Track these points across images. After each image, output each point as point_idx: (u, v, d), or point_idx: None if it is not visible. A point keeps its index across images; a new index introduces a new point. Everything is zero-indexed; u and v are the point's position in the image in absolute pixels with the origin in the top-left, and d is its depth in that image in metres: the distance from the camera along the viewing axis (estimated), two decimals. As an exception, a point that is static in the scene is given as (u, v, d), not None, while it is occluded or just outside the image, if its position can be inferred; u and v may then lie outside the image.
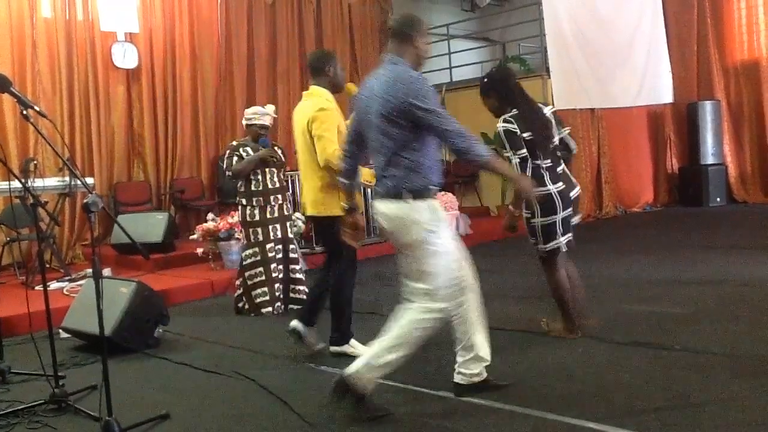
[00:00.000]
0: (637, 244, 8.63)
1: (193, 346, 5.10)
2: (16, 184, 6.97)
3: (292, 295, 6.11)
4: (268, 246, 5.92)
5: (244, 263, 6.00)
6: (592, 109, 11.65)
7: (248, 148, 5.90)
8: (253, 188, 5.88)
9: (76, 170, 3.37)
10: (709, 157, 12.39)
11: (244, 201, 5.93)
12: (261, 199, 5.87)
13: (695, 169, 12.48)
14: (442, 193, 9.64)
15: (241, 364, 4.44)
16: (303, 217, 8.14)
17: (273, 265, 5.93)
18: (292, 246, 6.18)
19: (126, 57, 9.48)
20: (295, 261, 6.20)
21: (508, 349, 4.42)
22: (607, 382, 3.66)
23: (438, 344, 4.61)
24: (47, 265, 7.44)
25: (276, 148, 5.99)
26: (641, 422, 3.07)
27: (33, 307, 5.04)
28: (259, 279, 5.92)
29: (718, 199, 12.27)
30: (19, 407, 3.74)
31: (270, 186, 5.89)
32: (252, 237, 5.93)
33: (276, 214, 5.94)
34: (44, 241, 4.33)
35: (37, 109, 3.36)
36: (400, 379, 3.82)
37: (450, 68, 12.83)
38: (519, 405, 3.40)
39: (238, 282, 6.12)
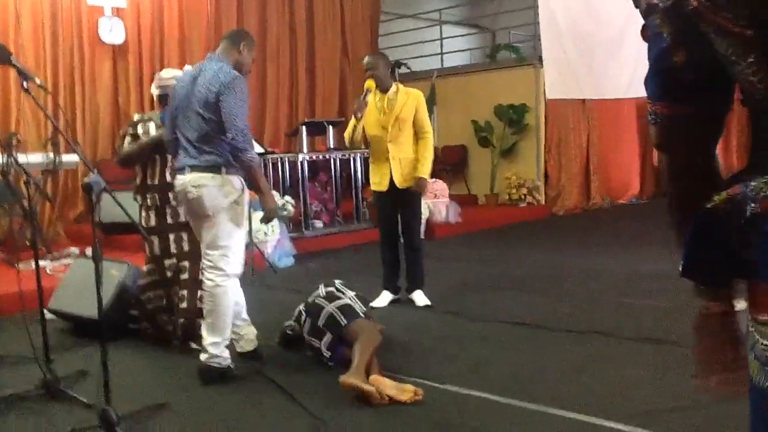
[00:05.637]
0: (630, 236, 8.58)
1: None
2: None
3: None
4: (167, 262, 4.52)
5: (139, 282, 4.67)
6: (583, 101, 11.60)
7: (151, 125, 4.52)
8: (148, 182, 4.50)
9: (78, 147, 3.20)
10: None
11: (138, 198, 4.56)
12: (156, 196, 4.46)
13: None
14: (433, 180, 9.52)
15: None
16: (293, 201, 8.00)
17: (176, 288, 4.50)
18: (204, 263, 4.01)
19: (112, 32, 9.21)
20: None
21: (512, 343, 4.34)
22: (623, 379, 3.57)
23: (442, 338, 4.54)
24: (27, 243, 7.23)
25: None
26: (664, 422, 2.98)
27: (11, 288, 4.92)
28: (158, 304, 4.60)
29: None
30: (8, 392, 3.57)
31: (169, 180, 4.34)
32: (148, 249, 4.59)
33: (182, 219, 4.34)
34: (29, 218, 4.13)
35: (38, 81, 3.17)
36: (405, 372, 3.72)
37: (441, 54, 12.68)
38: (532, 402, 3.29)
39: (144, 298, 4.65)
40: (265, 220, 4.12)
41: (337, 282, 4.36)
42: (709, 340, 1.26)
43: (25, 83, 3.11)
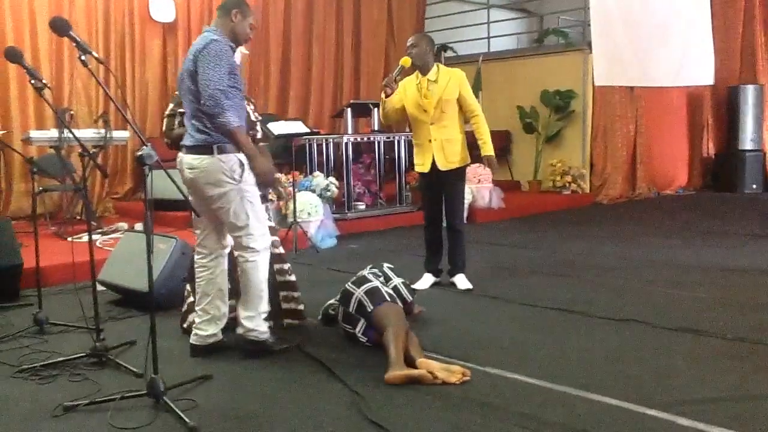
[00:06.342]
0: (674, 228, 8.48)
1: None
2: (51, 134, 6.93)
3: (285, 305, 4.41)
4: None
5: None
6: (631, 88, 11.44)
7: None
8: None
9: (135, 125, 3.27)
10: (747, 142, 12.17)
11: None
12: None
13: (732, 154, 12.26)
14: (477, 165, 9.50)
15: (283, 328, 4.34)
16: (336, 182, 8.06)
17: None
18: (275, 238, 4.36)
19: (163, 9, 9.35)
20: (282, 258, 4.50)
21: (551, 328, 4.33)
22: (661, 368, 3.55)
23: (482, 321, 4.56)
24: (77, 217, 7.41)
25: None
26: (702, 412, 2.95)
27: (63, 259, 5.10)
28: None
29: (754, 186, 12.08)
30: (60, 359, 3.70)
31: None
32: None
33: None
34: (80, 192, 4.25)
35: (96, 55, 3.25)
36: (445, 354, 3.75)
37: (488, 38, 12.60)
38: (570, 386, 3.30)
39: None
40: (261, 186, 3.84)
41: (386, 265, 4.40)
42: None
43: (82, 56, 3.19)
